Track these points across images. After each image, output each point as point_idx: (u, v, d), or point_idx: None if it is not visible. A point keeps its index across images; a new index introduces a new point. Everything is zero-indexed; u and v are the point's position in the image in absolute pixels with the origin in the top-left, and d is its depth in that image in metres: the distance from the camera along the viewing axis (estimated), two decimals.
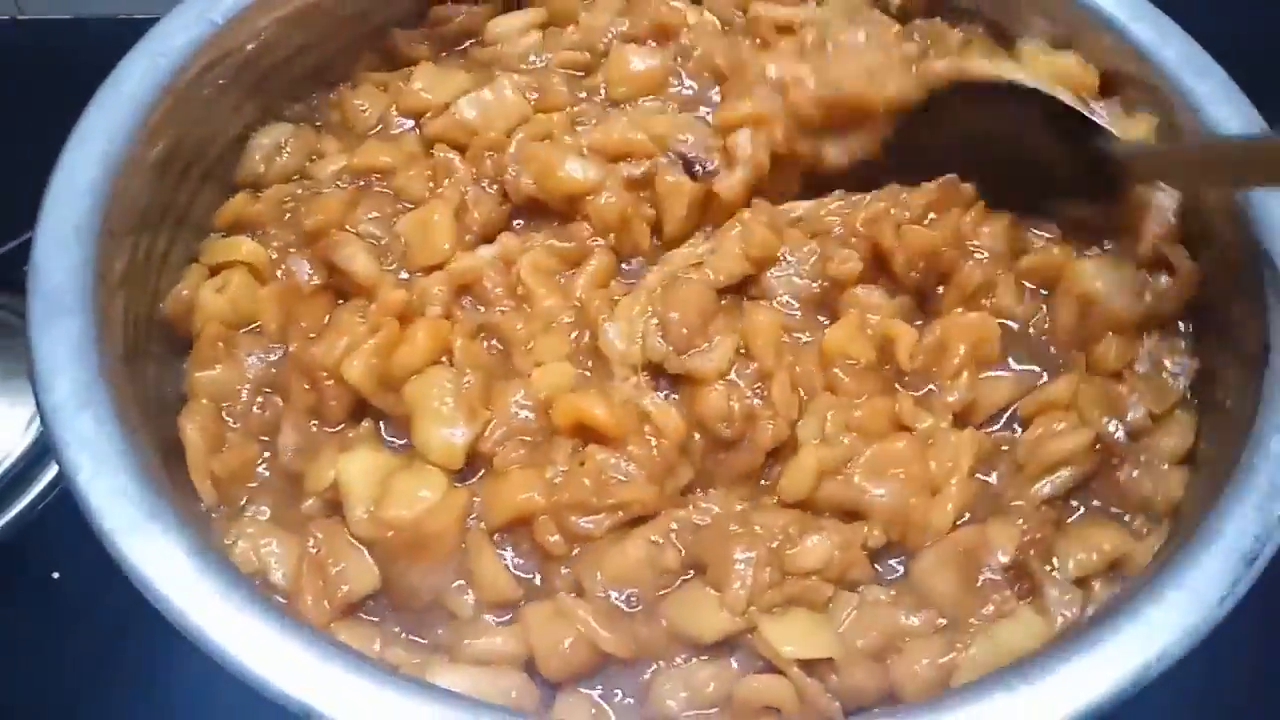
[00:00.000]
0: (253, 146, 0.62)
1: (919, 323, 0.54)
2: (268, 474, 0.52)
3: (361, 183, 0.59)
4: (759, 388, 0.50)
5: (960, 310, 0.53)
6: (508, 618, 0.47)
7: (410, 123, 0.62)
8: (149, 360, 0.54)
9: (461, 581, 0.47)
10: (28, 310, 0.48)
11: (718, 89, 0.60)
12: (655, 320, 0.51)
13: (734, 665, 0.45)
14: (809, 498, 0.49)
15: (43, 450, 0.67)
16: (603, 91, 0.61)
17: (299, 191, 0.59)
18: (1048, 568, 0.47)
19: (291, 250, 0.56)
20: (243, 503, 0.51)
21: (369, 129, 0.62)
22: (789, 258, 0.55)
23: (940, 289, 0.55)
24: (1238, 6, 0.81)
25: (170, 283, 0.57)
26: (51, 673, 0.63)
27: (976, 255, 0.55)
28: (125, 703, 0.63)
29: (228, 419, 0.53)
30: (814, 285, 0.54)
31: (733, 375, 0.50)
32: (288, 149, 0.61)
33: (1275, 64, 0.65)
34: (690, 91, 0.61)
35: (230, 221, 0.59)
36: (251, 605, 0.41)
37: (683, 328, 0.51)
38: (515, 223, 0.59)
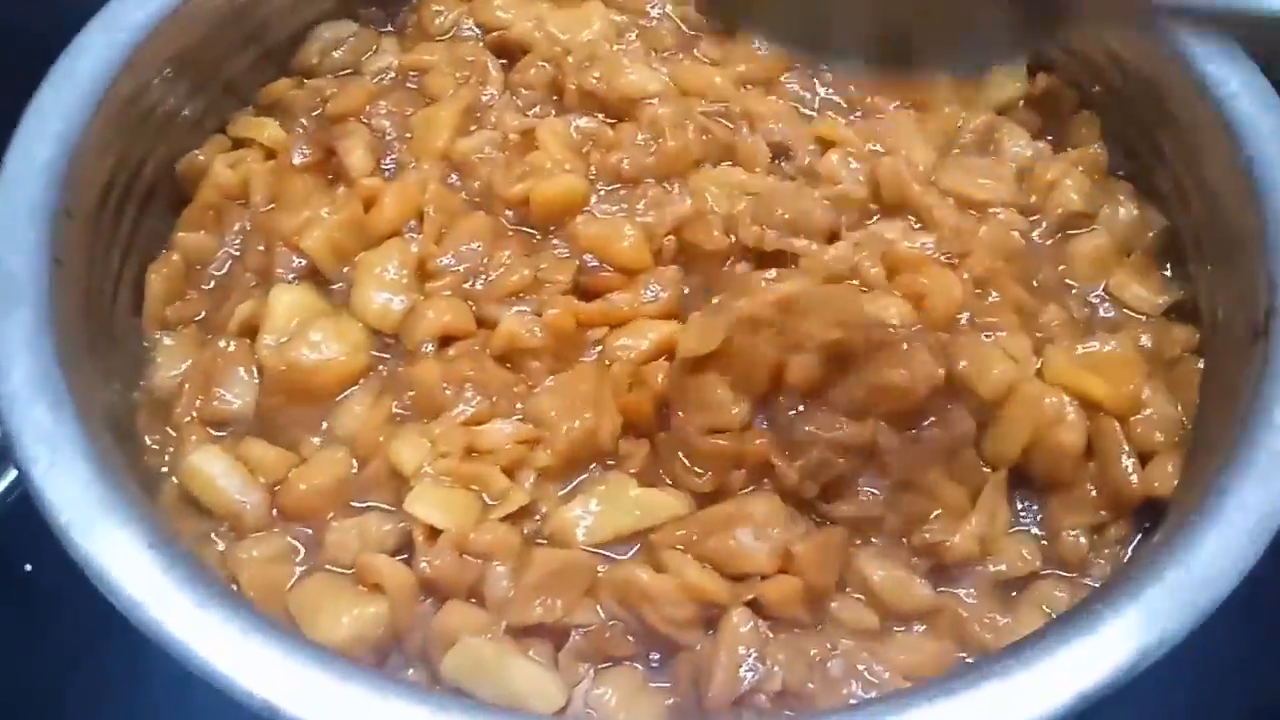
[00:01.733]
0: (313, 37, 0.64)
1: None
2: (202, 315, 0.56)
3: (395, 78, 0.62)
4: None
5: None
6: None
7: (477, 32, 0.64)
8: (112, 341, 0.53)
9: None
10: None
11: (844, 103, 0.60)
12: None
13: None
14: None
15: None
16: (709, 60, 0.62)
17: (338, 85, 0.61)
18: None
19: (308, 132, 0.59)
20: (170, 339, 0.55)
21: (440, 34, 0.64)
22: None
23: None
24: None
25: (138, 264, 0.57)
26: (27, 668, 0.62)
27: None
28: (104, 697, 0.62)
29: (192, 284, 0.57)
30: None
31: None
32: (345, 46, 0.64)
33: None
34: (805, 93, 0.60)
35: (272, 101, 0.62)
36: (213, 601, 0.40)
37: None
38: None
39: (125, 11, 0.56)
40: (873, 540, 0.48)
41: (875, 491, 0.48)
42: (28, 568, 0.64)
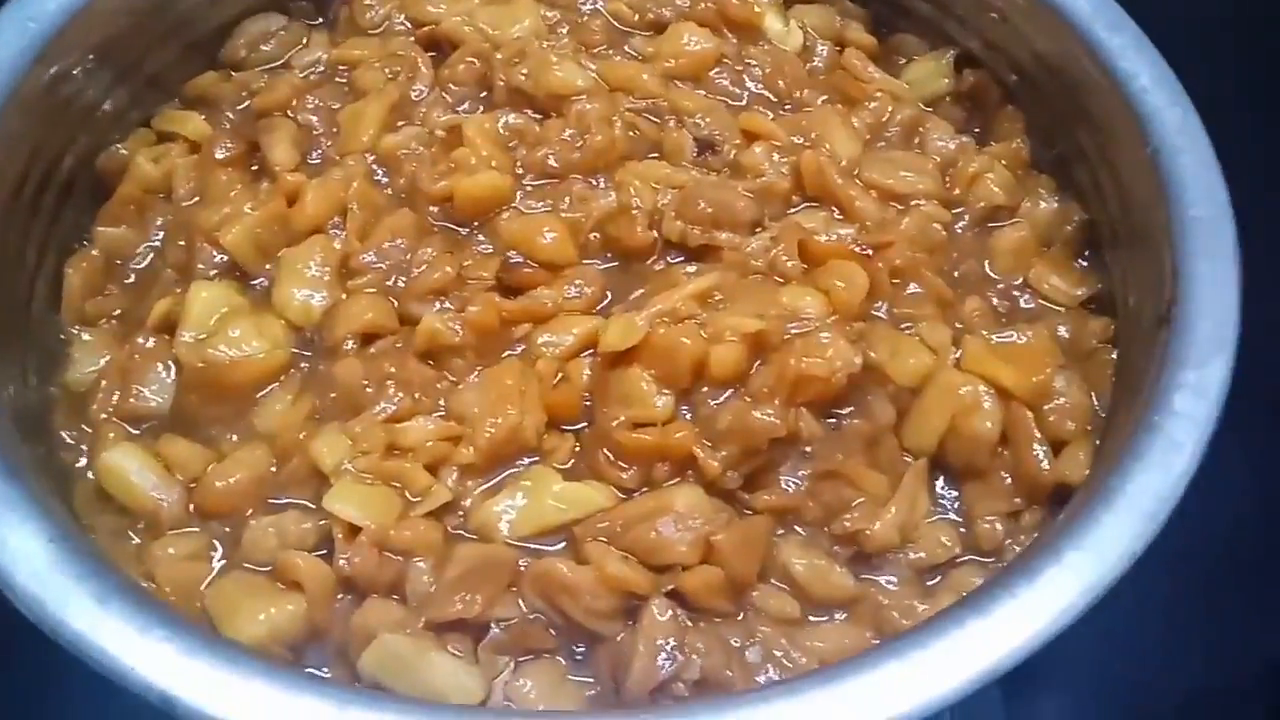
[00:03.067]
0: (240, 30, 0.64)
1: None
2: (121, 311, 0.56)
3: (324, 72, 0.62)
4: None
5: None
6: None
7: (408, 26, 0.63)
8: (28, 335, 0.53)
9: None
10: None
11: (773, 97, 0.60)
12: None
13: None
14: None
15: None
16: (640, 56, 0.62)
17: (266, 79, 0.61)
18: None
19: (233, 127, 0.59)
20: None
21: (370, 28, 0.64)
22: None
23: None
24: None
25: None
26: None
27: None
28: (25, 692, 0.61)
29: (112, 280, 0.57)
30: None
31: None
32: (274, 40, 0.64)
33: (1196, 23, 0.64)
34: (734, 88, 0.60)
35: (198, 94, 0.62)
36: (112, 595, 0.39)
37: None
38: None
39: (37, 0, 0.54)
40: (796, 529, 0.49)
41: (798, 481, 0.49)
42: None
